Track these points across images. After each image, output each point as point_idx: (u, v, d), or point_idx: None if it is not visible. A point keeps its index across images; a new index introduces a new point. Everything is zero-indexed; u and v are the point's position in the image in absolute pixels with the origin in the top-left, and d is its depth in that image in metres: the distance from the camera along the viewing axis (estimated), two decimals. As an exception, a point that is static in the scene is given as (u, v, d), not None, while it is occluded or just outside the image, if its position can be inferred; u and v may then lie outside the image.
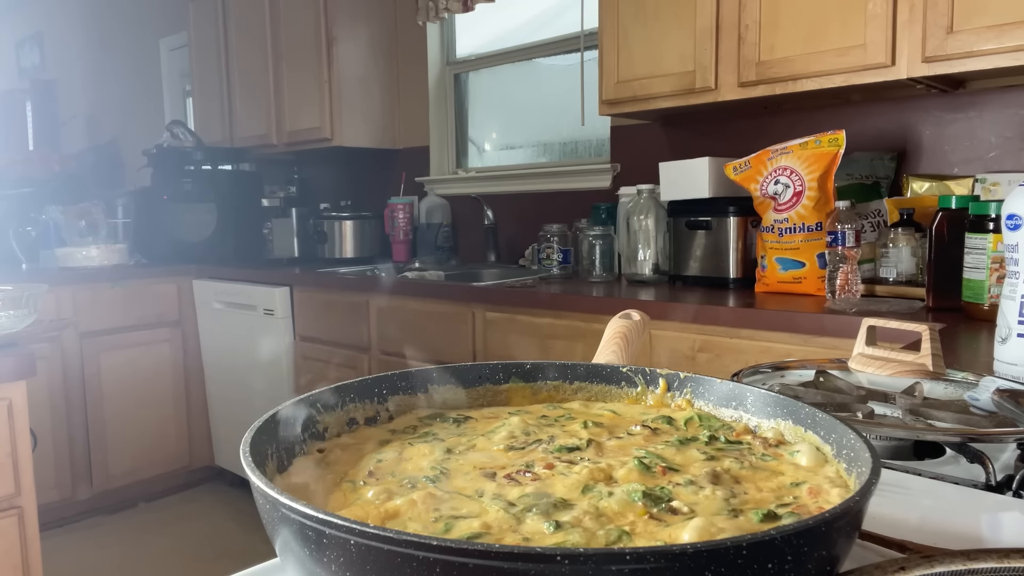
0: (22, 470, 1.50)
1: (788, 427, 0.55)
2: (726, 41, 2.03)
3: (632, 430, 0.56)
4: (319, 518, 0.34)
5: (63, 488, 2.97)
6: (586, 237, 2.47)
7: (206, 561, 2.69)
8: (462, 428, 0.57)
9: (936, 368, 0.81)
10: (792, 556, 0.33)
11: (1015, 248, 0.98)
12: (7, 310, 1.49)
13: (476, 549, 0.31)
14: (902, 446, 0.71)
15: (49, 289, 1.70)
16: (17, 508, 1.49)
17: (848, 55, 1.81)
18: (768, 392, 0.57)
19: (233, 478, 3.35)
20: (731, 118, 2.38)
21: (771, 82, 1.96)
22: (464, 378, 0.65)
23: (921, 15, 1.70)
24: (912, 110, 2.08)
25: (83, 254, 3.18)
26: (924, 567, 0.37)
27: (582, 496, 0.44)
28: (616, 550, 0.33)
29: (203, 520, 3.08)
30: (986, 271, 1.45)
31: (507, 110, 3.32)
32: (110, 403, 3.10)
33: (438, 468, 0.48)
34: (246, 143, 3.60)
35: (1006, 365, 0.99)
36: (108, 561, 2.75)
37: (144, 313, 3.19)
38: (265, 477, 0.39)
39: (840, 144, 1.83)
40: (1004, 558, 0.37)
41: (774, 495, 0.45)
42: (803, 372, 0.88)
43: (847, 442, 0.48)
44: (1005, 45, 1.60)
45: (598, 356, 0.70)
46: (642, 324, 0.74)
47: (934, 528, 0.52)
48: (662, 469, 0.48)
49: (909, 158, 2.09)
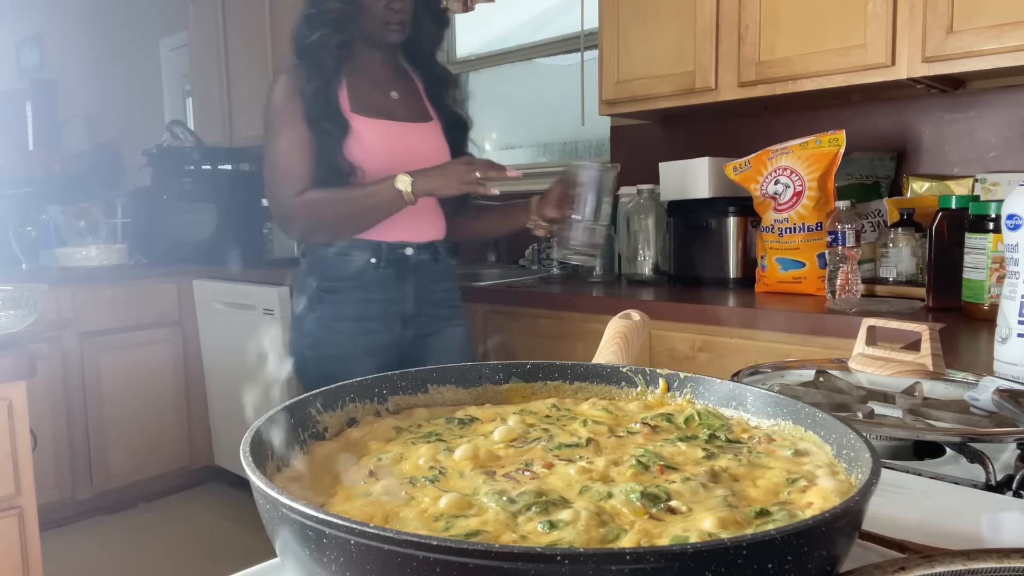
0: (22, 470, 1.50)
1: (788, 427, 0.55)
2: (726, 41, 2.03)
3: (632, 428, 0.57)
4: (319, 518, 0.34)
5: (63, 488, 2.97)
6: (586, 237, 2.47)
7: (206, 561, 2.69)
8: (465, 429, 0.57)
9: (936, 368, 0.81)
10: (792, 556, 0.33)
11: (1015, 248, 0.98)
12: (7, 310, 1.49)
13: (476, 549, 0.31)
14: (902, 446, 0.71)
15: (49, 289, 1.70)
16: (17, 508, 1.49)
17: (848, 55, 1.81)
18: (768, 392, 0.57)
19: (233, 478, 3.35)
20: (731, 118, 2.38)
21: (771, 82, 1.96)
22: (464, 378, 0.65)
23: (921, 15, 1.70)
24: (912, 110, 2.08)
25: (83, 254, 3.18)
26: (924, 567, 0.37)
27: (581, 495, 0.44)
28: (616, 550, 0.33)
29: (203, 520, 3.08)
30: (986, 271, 1.45)
31: (507, 110, 3.32)
32: (110, 403, 3.10)
33: (437, 467, 0.48)
34: (246, 143, 3.60)
35: (1006, 365, 0.99)
36: (108, 561, 2.75)
37: (144, 313, 3.19)
38: (265, 477, 0.39)
39: (840, 144, 1.83)
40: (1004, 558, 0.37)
41: (772, 494, 0.45)
42: (803, 372, 0.88)
43: (847, 442, 0.48)
44: (1005, 45, 1.60)
45: (598, 356, 0.70)
46: (642, 324, 0.74)
47: (934, 528, 0.52)
48: (660, 468, 0.48)
49: (909, 158, 2.09)
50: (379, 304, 1.67)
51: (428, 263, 1.72)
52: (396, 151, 1.65)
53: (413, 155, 1.65)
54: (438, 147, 1.75)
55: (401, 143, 1.68)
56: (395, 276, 1.68)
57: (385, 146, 1.66)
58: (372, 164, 1.62)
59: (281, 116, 1.63)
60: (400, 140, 1.69)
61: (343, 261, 1.66)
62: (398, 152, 1.65)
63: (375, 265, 1.66)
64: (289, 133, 1.62)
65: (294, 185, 1.61)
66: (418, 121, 1.74)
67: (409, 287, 1.70)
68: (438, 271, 1.75)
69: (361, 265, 1.65)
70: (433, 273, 1.74)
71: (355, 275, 1.65)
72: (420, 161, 1.62)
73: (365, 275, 1.65)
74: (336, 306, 1.66)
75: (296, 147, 1.61)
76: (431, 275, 1.73)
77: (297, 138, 1.61)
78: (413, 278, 1.70)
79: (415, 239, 1.69)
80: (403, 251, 1.68)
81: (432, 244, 1.73)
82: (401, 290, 1.69)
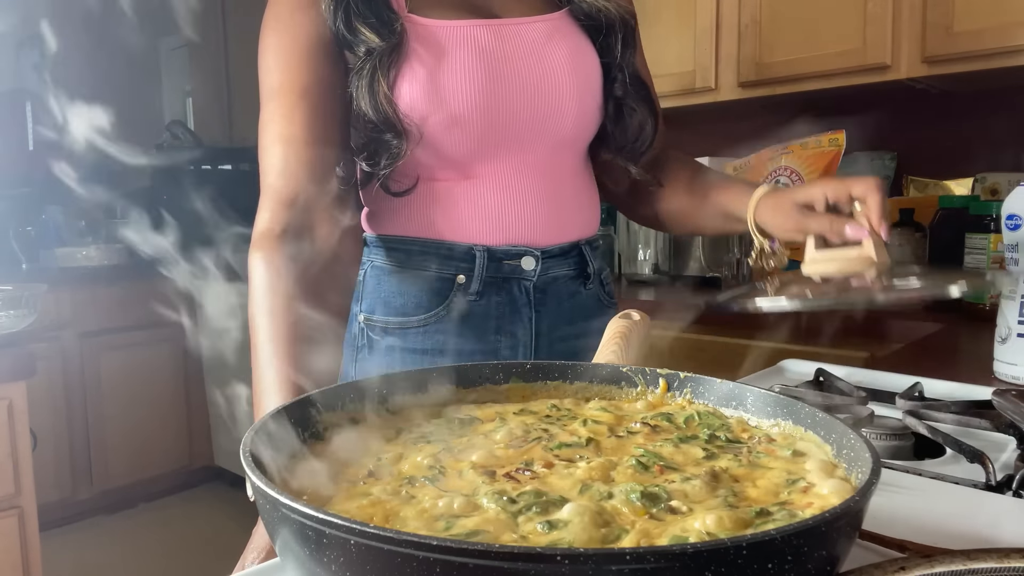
0: (22, 470, 1.50)
1: (788, 427, 0.55)
2: (726, 41, 2.03)
3: (632, 427, 0.57)
4: (319, 518, 0.34)
5: (63, 488, 2.97)
6: (586, 237, 2.47)
7: (206, 561, 2.68)
8: (465, 429, 0.57)
9: (880, 257, 0.80)
10: (792, 556, 0.33)
11: (1015, 248, 0.98)
12: (7, 310, 1.49)
13: (476, 549, 0.31)
14: (902, 446, 0.71)
15: (49, 289, 1.70)
16: (17, 508, 1.49)
17: (848, 55, 1.81)
18: (768, 392, 0.57)
19: (233, 478, 3.35)
20: (731, 118, 2.38)
21: (771, 82, 1.96)
22: (464, 378, 0.65)
23: (921, 15, 1.70)
24: (912, 110, 2.08)
25: (83, 254, 3.18)
26: (924, 567, 0.37)
27: (581, 495, 0.44)
28: (616, 550, 0.33)
29: (203, 520, 3.08)
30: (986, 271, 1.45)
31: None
32: (110, 403, 3.10)
33: (437, 467, 0.48)
34: (246, 143, 3.60)
35: (1006, 365, 0.99)
36: (108, 561, 2.75)
37: (144, 313, 3.19)
38: (265, 477, 0.39)
39: (840, 144, 1.83)
40: (1004, 558, 0.37)
41: (772, 494, 0.45)
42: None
43: (847, 442, 0.48)
44: (1005, 45, 1.60)
45: (598, 356, 0.70)
46: (642, 324, 0.74)
47: (934, 528, 0.52)
48: (660, 468, 0.48)
49: (909, 158, 2.09)
50: (468, 360, 0.86)
51: (565, 284, 0.96)
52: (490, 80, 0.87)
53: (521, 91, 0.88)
54: (576, 71, 0.92)
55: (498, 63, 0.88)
56: (503, 309, 0.93)
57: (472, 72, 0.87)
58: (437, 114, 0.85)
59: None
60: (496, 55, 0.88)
61: (401, 280, 0.93)
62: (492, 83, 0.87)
63: (464, 289, 0.92)
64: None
65: (268, 203, 0.83)
66: (531, 14, 0.93)
67: (525, 328, 0.94)
68: (583, 298, 0.98)
69: (439, 288, 0.92)
70: (574, 301, 0.97)
71: (424, 306, 0.92)
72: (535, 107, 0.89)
73: (449, 309, 0.92)
74: (390, 356, 0.94)
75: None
76: (571, 305, 0.97)
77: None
78: (535, 312, 0.94)
79: (537, 241, 0.93)
80: (516, 262, 0.92)
81: (576, 247, 0.97)
82: (513, 334, 0.94)
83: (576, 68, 0.92)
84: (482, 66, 0.86)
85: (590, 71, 0.94)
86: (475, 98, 0.86)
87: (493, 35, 0.88)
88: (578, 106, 0.92)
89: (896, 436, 0.71)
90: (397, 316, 0.93)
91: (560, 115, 0.91)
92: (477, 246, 0.90)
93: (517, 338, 0.93)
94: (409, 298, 0.92)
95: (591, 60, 0.94)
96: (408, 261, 0.92)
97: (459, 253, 0.90)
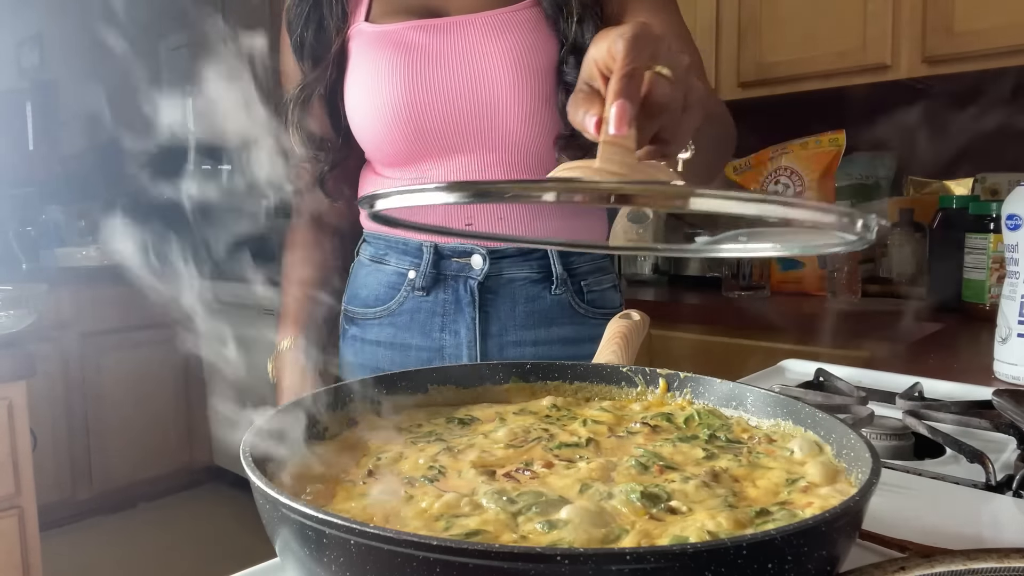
0: (22, 470, 1.50)
1: (788, 427, 0.55)
2: (726, 41, 2.03)
3: (632, 427, 0.57)
4: (319, 518, 0.34)
5: (63, 488, 2.97)
6: (586, 237, 2.47)
7: (206, 561, 2.68)
8: (465, 429, 0.57)
9: (606, 167, 0.38)
10: (792, 556, 0.33)
11: (1015, 248, 0.98)
12: (7, 310, 1.49)
13: (476, 549, 0.31)
14: (902, 446, 0.71)
15: (49, 289, 1.70)
16: (17, 508, 1.49)
17: (848, 55, 1.81)
18: (768, 392, 0.57)
19: (233, 478, 3.35)
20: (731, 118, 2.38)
21: (771, 82, 1.96)
22: (464, 378, 0.65)
23: (921, 15, 1.70)
24: (912, 110, 2.08)
25: (83, 254, 3.18)
26: (924, 567, 0.37)
27: (580, 495, 0.44)
28: (616, 550, 0.33)
29: (203, 520, 3.08)
30: (986, 271, 1.45)
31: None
32: (110, 403, 3.10)
33: (437, 467, 0.48)
34: (246, 143, 3.60)
35: (1006, 365, 0.99)
36: (108, 561, 2.75)
37: (144, 313, 3.19)
38: (265, 477, 0.39)
39: (840, 144, 1.83)
40: (1004, 558, 0.37)
41: (772, 494, 0.45)
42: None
43: (847, 442, 0.48)
44: (1005, 45, 1.60)
45: (598, 356, 0.70)
46: (642, 324, 0.74)
47: (934, 528, 0.52)
48: (660, 468, 0.48)
49: (909, 158, 2.09)
50: (414, 355, 0.94)
51: (523, 286, 0.92)
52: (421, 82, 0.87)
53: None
54: (518, 67, 0.87)
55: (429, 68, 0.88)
56: (448, 307, 0.92)
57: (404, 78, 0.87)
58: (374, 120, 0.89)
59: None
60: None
61: (368, 273, 0.98)
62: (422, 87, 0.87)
63: (413, 285, 0.93)
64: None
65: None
66: (485, 9, 0.89)
67: (469, 327, 0.92)
68: (546, 303, 0.93)
69: (393, 282, 0.94)
70: (533, 306, 0.93)
71: (381, 299, 0.95)
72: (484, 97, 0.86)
73: (400, 303, 0.94)
74: (353, 346, 0.99)
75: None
76: (528, 309, 0.93)
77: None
78: (482, 312, 0.92)
79: (487, 241, 0.91)
80: (466, 260, 0.91)
81: (540, 250, 0.93)
82: (457, 332, 0.92)
83: (519, 64, 0.86)
84: (408, 68, 0.86)
85: (540, 67, 0.86)
86: (401, 100, 0.86)
87: (427, 36, 0.87)
88: (519, 104, 0.86)
89: (896, 436, 0.71)
90: (361, 307, 0.98)
91: (499, 114, 0.86)
92: (427, 243, 0.91)
93: (461, 336, 0.92)
94: (370, 291, 0.97)
95: (544, 56, 0.87)
96: (375, 255, 0.97)
97: (412, 249, 0.93)
